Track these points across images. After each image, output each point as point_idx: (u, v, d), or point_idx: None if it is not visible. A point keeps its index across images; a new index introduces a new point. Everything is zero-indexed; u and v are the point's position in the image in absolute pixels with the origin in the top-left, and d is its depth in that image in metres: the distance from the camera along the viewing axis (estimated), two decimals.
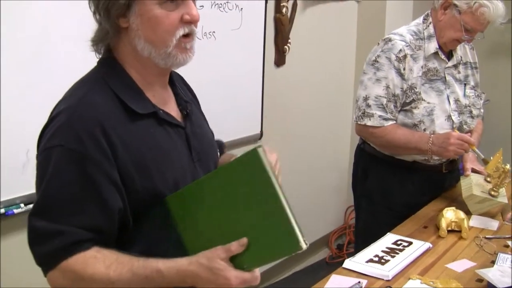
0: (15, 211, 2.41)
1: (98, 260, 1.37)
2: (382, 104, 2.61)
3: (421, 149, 2.60)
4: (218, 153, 1.80)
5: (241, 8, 3.43)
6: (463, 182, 2.62)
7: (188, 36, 1.47)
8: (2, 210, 2.37)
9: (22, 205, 2.43)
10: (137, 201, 1.45)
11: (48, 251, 1.37)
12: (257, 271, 1.39)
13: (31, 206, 2.37)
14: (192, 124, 1.63)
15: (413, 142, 2.61)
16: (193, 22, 1.46)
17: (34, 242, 1.40)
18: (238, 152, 1.88)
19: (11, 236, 2.50)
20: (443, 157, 2.66)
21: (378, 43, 2.70)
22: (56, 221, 1.36)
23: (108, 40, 1.50)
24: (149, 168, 1.46)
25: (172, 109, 1.59)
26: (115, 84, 1.47)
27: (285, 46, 3.89)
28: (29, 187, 2.39)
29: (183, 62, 1.50)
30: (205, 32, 3.07)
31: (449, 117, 2.66)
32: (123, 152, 1.41)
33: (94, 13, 1.47)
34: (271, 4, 3.76)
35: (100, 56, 1.55)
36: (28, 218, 1.41)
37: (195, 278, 1.37)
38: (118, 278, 1.36)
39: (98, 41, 1.51)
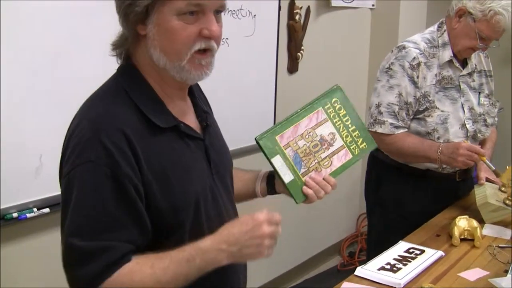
0: (28, 215, 2.42)
1: (141, 265, 1.36)
2: (394, 112, 2.60)
3: (430, 158, 2.59)
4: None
5: (254, 15, 3.44)
6: (477, 191, 2.60)
7: (204, 52, 1.43)
8: (15, 215, 2.38)
9: (35, 209, 2.44)
10: (157, 215, 1.42)
11: (96, 270, 1.32)
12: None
13: (44, 210, 2.44)
14: (211, 136, 1.61)
15: (422, 150, 2.60)
16: (212, 37, 1.41)
17: (78, 263, 1.34)
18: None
19: (24, 240, 2.51)
20: (452, 167, 2.64)
21: (392, 51, 2.69)
22: (99, 239, 1.33)
23: (127, 46, 1.47)
24: (170, 183, 1.43)
25: (191, 121, 1.57)
26: (136, 95, 1.44)
27: (298, 53, 3.89)
28: (42, 192, 2.43)
29: (198, 78, 1.47)
30: None
31: (463, 126, 2.64)
32: (146, 166, 1.39)
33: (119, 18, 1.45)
34: (284, 11, 3.76)
35: (120, 62, 1.52)
36: (66, 241, 1.35)
37: (229, 237, 1.41)
38: (164, 273, 1.36)
39: (118, 45, 1.49)
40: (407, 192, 2.77)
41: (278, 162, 1.68)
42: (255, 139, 1.68)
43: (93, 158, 1.34)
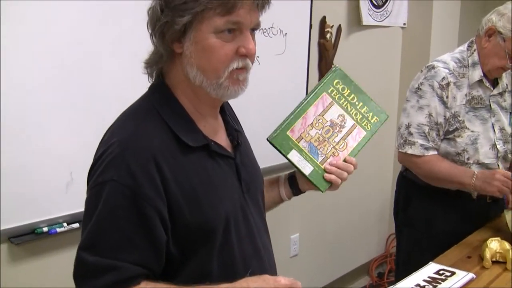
0: (58, 230, 2.45)
1: None
2: (424, 133, 2.59)
3: (464, 183, 2.56)
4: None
5: (285, 33, 3.45)
6: (507, 215, 2.56)
7: (241, 69, 1.43)
8: (46, 229, 2.41)
9: (65, 224, 2.47)
10: (185, 235, 1.41)
11: (100, 287, 1.32)
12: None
13: (73, 225, 2.46)
14: (242, 155, 1.61)
15: (456, 175, 2.58)
16: (248, 56, 1.42)
17: (84, 276, 1.35)
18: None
19: (53, 255, 2.53)
20: (486, 193, 2.60)
21: (421, 70, 2.68)
22: (108, 257, 1.32)
23: (161, 64, 1.47)
24: (200, 202, 1.42)
25: (222, 139, 1.57)
26: (167, 114, 1.44)
27: None
28: (72, 207, 2.46)
29: (235, 94, 1.46)
30: None
31: (493, 146, 2.61)
32: (174, 186, 1.38)
33: (151, 35, 1.45)
34: (315, 29, 3.77)
35: (152, 81, 1.53)
36: (78, 252, 1.36)
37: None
38: None
39: (152, 63, 1.49)
40: (436, 212, 2.74)
41: (295, 156, 1.71)
42: (267, 139, 1.71)
43: (116, 177, 1.34)
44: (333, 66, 1.87)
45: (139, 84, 1.55)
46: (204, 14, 1.36)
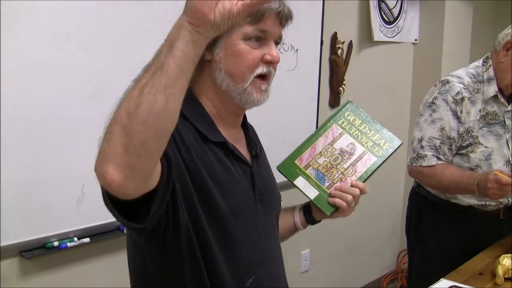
0: (69, 244, 2.45)
1: None
2: (435, 146, 2.58)
3: (470, 190, 2.53)
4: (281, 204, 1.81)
5: (297, 49, 3.46)
6: None
7: (264, 78, 1.52)
8: (56, 243, 2.41)
9: (75, 238, 2.47)
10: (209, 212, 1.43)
11: None
12: None
13: (84, 240, 2.47)
14: (259, 165, 1.65)
15: (462, 182, 2.55)
16: (273, 62, 1.51)
17: None
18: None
19: (64, 269, 2.53)
20: (491, 200, 2.57)
21: (435, 85, 2.67)
22: None
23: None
24: (223, 184, 1.47)
25: (242, 149, 1.61)
26: (188, 113, 1.47)
27: (340, 87, 3.90)
28: (83, 222, 2.46)
29: (257, 102, 1.53)
30: None
31: (507, 162, 2.60)
32: (200, 163, 1.41)
33: None
34: (327, 46, 3.78)
35: None
36: None
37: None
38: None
39: None
40: (449, 229, 2.72)
41: (301, 182, 1.74)
42: (277, 168, 1.76)
43: None
44: (346, 101, 1.88)
45: None
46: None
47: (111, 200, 1.20)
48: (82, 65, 2.39)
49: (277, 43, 1.54)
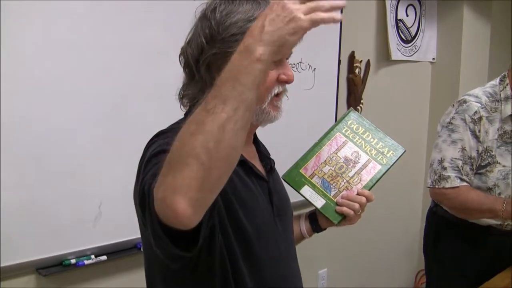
0: (86, 262, 2.45)
1: None
2: (458, 167, 2.55)
3: (495, 211, 2.51)
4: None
5: (314, 68, 3.46)
6: None
7: (278, 95, 1.52)
8: (73, 261, 2.42)
9: (92, 256, 2.47)
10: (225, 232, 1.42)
11: None
12: None
13: (101, 257, 2.47)
14: (274, 180, 1.66)
15: (487, 203, 2.53)
16: (288, 82, 1.51)
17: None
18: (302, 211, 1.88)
19: (81, 287, 2.54)
20: None
21: (453, 105, 2.66)
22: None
23: (204, 94, 1.43)
24: (246, 203, 1.46)
25: (257, 165, 1.61)
26: None
27: (358, 107, 3.89)
28: (100, 240, 2.47)
29: (274, 119, 1.53)
30: None
31: None
32: (226, 186, 1.26)
33: (187, 67, 1.49)
34: (344, 64, 3.78)
35: (184, 109, 1.55)
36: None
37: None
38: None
39: (194, 95, 1.50)
40: (467, 249, 2.69)
41: (307, 191, 1.75)
42: (282, 177, 1.77)
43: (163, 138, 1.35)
44: (348, 109, 1.90)
45: (164, 116, 1.58)
46: None
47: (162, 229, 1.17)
48: (101, 84, 2.42)
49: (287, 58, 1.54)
